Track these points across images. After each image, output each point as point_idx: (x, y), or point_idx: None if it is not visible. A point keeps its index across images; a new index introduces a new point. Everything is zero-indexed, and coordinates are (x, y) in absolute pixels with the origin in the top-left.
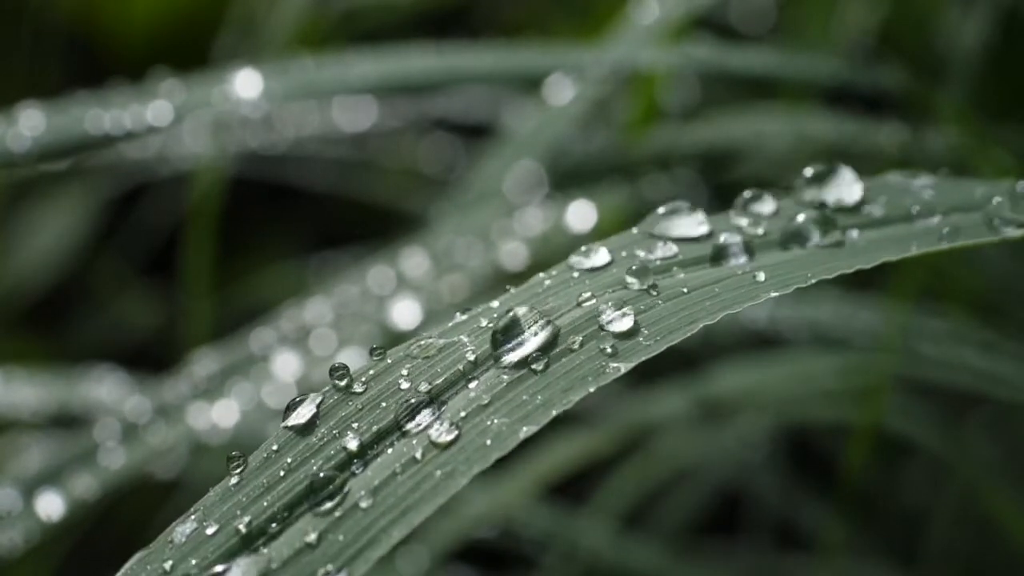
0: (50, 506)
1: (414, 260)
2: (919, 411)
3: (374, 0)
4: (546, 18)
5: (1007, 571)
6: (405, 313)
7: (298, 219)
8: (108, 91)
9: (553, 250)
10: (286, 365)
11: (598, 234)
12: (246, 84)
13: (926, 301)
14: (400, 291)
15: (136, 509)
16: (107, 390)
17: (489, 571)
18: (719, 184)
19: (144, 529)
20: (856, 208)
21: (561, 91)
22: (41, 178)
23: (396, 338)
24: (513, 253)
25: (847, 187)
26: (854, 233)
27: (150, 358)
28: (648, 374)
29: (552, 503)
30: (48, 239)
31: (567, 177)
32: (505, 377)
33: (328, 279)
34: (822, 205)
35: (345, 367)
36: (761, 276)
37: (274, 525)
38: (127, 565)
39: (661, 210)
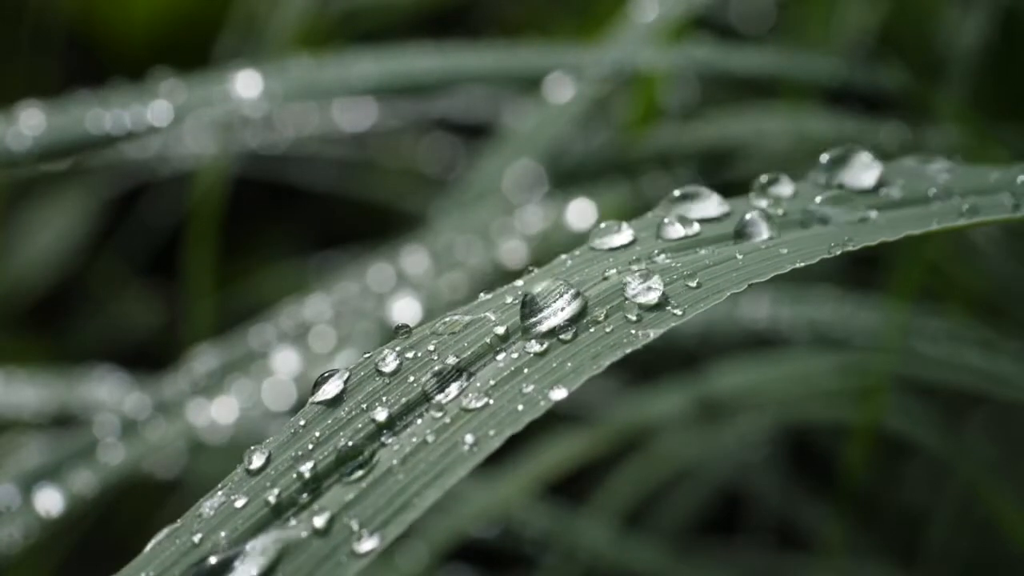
0: (49, 502)
1: (414, 258)
2: (919, 411)
3: (374, 0)
4: (546, 18)
5: (1007, 571)
6: (405, 310)
7: (298, 219)
8: (108, 91)
9: (553, 248)
10: (286, 362)
11: None
12: (247, 84)
13: (926, 301)
14: (400, 289)
15: (136, 509)
16: (107, 390)
17: (489, 571)
18: (719, 183)
19: (144, 529)
20: (874, 190)
21: (561, 90)
22: (41, 178)
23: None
24: (513, 251)
25: (864, 170)
26: (872, 214)
27: (150, 358)
28: (648, 373)
29: (552, 503)
30: (48, 239)
31: (567, 176)
32: (534, 347)
33: (328, 278)
34: (840, 187)
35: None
36: (784, 250)
37: (305, 496)
38: (156, 539)
39: (676, 192)
